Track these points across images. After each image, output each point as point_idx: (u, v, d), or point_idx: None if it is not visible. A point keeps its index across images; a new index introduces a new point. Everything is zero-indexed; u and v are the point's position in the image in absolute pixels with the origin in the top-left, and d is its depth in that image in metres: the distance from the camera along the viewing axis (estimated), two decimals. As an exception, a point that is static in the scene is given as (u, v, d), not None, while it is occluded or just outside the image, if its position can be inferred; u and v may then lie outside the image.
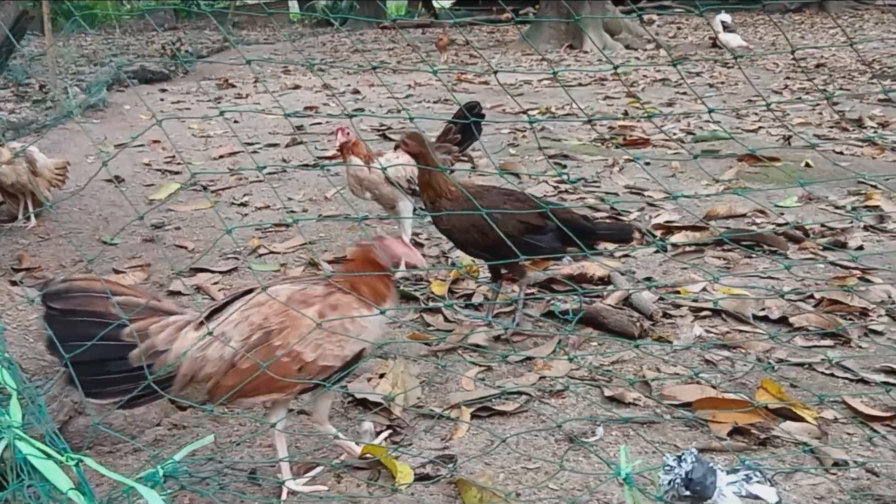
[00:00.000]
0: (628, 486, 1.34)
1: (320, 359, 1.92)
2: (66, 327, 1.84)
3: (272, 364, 1.84)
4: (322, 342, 1.91)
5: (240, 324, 1.92)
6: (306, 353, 1.90)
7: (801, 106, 7.67)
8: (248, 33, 20.42)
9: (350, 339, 1.92)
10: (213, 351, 1.91)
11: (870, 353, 2.66)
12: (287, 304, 1.92)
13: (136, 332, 1.87)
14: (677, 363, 2.67)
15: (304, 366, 1.90)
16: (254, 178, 5.24)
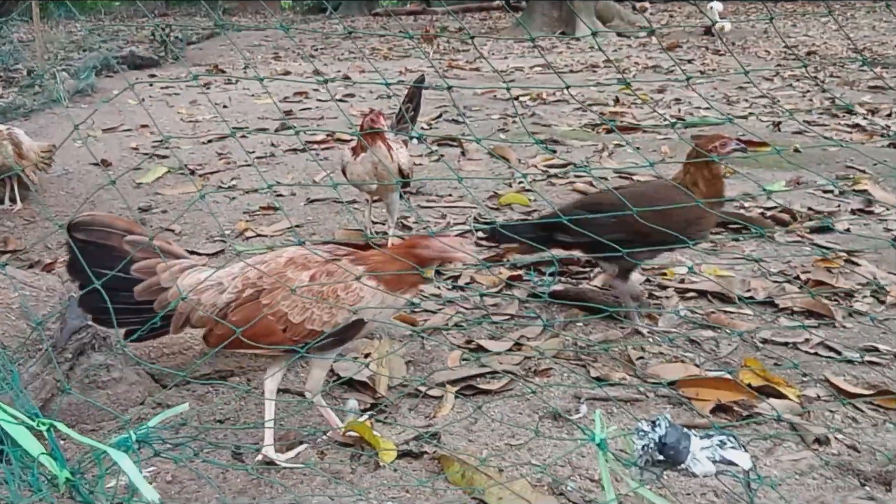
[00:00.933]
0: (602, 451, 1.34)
1: (307, 322, 1.95)
2: (85, 255, 1.95)
3: (259, 321, 1.90)
4: (310, 306, 1.94)
5: (237, 277, 2.01)
6: (292, 314, 1.94)
7: (792, 92, 7.68)
8: (238, 20, 20.31)
9: (340, 310, 1.94)
10: (208, 296, 1.99)
11: (853, 333, 2.67)
12: (285, 265, 1.99)
13: (145, 268, 1.99)
14: (662, 343, 2.67)
15: (289, 326, 1.94)
16: (242, 161, 5.21)
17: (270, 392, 2.06)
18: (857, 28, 14.02)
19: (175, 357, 2.58)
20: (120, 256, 1.98)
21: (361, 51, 12.94)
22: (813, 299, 2.84)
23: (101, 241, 2.00)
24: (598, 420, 1.48)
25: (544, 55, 11.49)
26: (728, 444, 1.26)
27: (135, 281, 2.00)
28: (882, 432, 2.10)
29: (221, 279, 2.02)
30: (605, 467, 1.38)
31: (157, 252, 2.01)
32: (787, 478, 1.91)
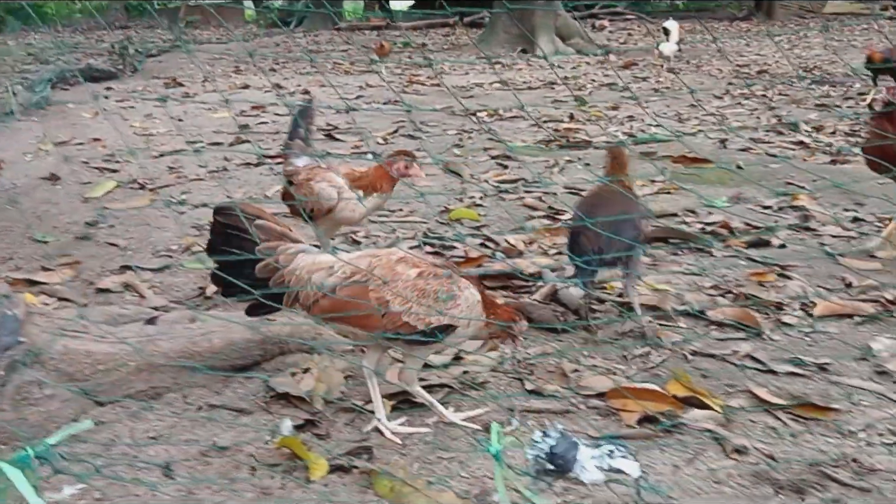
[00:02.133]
0: (497, 462, 1.38)
1: (405, 314, 2.12)
2: (222, 237, 2.25)
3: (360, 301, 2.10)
4: (411, 301, 2.12)
5: (347, 265, 2.19)
6: (394, 302, 2.12)
7: (741, 110, 7.87)
8: (200, 33, 20.20)
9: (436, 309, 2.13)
10: (318, 276, 2.18)
11: (781, 345, 2.75)
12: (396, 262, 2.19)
13: (267, 248, 2.22)
14: (597, 355, 2.73)
15: (388, 313, 2.12)
16: (193, 176, 5.20)
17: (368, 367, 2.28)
18: (809, 47, 14.40)
19: (110, 373, 2.56)
20: (250, 239, 2.21)
21: (324, 65, 12.97)
22: (743, 312, 2.92)
23: (235, 223, 2.22)
24: (495, 432, 1.52)
25: (502, 72, 11.62)
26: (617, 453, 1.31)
27: (259, 260, 2.22)
28: (800, 442, 2.17)
29: (332, 264, 2.21)
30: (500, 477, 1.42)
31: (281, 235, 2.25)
32: (706, 486, 1.96)
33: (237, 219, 2.23)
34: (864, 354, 2.66)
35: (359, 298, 2.12)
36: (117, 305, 3.23)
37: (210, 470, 2.14)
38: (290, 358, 2.72)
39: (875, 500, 1.90)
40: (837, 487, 1.94)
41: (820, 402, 2.32)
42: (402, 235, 4.13)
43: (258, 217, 2.27)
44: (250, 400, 2.50)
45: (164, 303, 3.29)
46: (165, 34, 19.39)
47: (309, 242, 2.36)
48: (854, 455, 2.06)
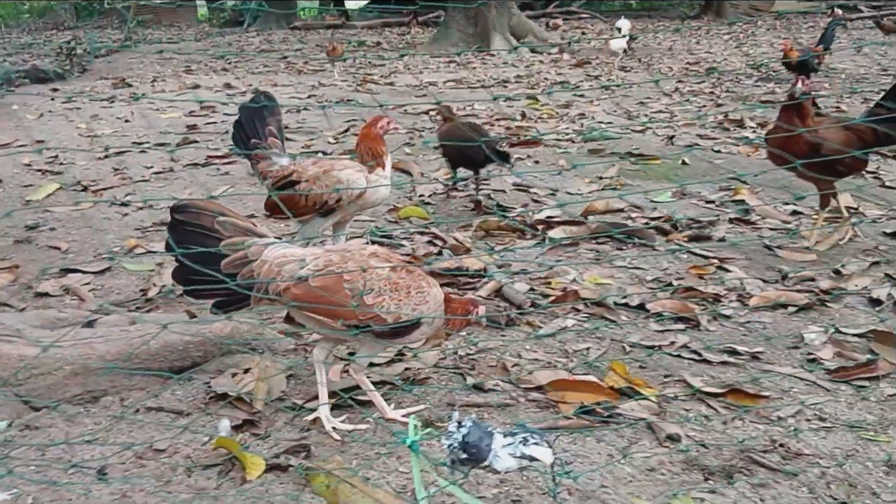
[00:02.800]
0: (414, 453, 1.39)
1: (376, 306, 2.15)
2: (181, 234, 2.20)
3: (333, 292, 2.12)
4: (384, 294, 2.16)
5: (320, 258, 2.20)
6: (367, 294, 2.15)
7: (689, 107, 8.00)
8: (152, 32, 19.88)
9: (406, 303, 2.16)
10: (289, 268, 2.18)
11: (716, 336, 2.81)
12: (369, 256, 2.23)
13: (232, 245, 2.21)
14: (538, 349, 2.76)
15: (360, 304, 2.14)
16: (138, 177, 5.12)
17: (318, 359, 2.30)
18: (757, 45, 14.69)
19: (45, 378, 2.52)
20: (213, 235, 2.20)
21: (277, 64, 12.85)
22: (681, 304, 2.98)
23: (195, 220, 2.21)
24: (412, 424, 1.53)
25: (456, 70, 11.64)
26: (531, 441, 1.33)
27: (223, 256, 2.20)
28: (731, 428, 2.22)
29: (304, 256, 2.22)
30: (416, 468, 1.43)
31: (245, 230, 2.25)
32: (638, 474, 2.00)
33: (196, 216, 2.22)
34: (797, 343, 2.73)
35: (332, 289, 2.13)
36: (56, 309, 3.17)
37: (145, 472, 2.11)
38: (230, 359, 2.70)
39: (800, 483, 1.95)
40: (765, 472, 1.99)
41: (751, 390, 2.38)
42: (351, 233, 4.11)
43: (221, 214, 2.26)
44: (189, 401, 2.48)
45: (105, 305, 3.23)
46: (115, 34, 19.05)
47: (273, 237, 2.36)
48: (782, 440, 2.12)
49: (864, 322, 2.88)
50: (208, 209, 2.25)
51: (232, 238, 2.22)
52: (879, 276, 3.31)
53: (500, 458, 1.34)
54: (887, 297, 3.07)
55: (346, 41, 15.13)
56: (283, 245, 2.30)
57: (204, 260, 2.15)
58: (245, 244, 2.22)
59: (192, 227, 2.21)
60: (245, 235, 2.25)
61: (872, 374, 2.46)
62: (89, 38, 15.66)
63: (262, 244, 2.25)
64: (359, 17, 22.53)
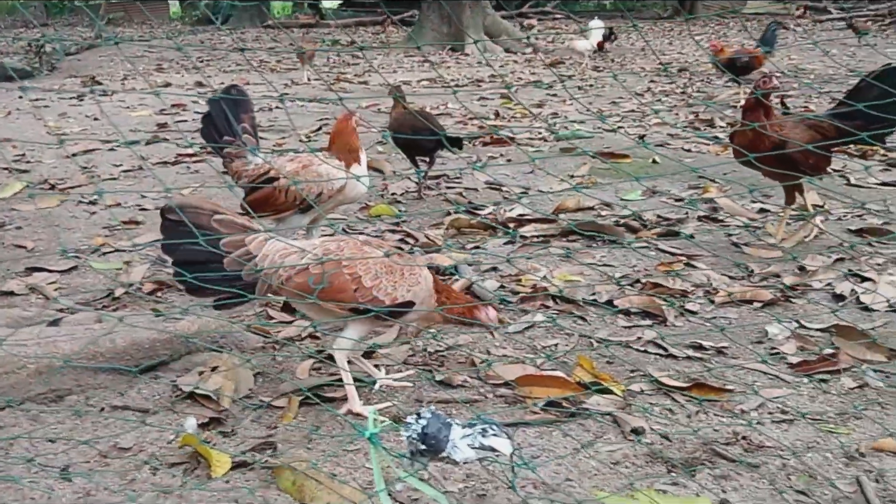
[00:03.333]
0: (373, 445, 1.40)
1: (374, 289, 2.24)
2: (176, 235, 2.23)
3: (334, 277, 2.21)
4: (381, 277, 2.25)
5: (318, 248, 2.29)
6: (365, 278, 2.24)
7: (660, 106, 8.06)
8: (123, 30, 19.65)
9: (401, 285, 2.26)
10: (291, 260, 2.25)
11: (683, 331, 2.84)
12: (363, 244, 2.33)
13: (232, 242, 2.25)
14: (508, 346, 2.77)
15: (359, 288, 2.23)
16: (107, 175, 5.06)
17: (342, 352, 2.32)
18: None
19: (8, 377, 2.48)
20: (208, 234, 2.20)
21: (249, 62, 12.77)
22: (649, 300, 3.00)
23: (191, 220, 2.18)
24: (371, 417, 1.53)
25: (430, 70, 11.64)
26: (490, 432, 1.34)
27: (223, 255, 2.24)
28: (695, 422, 2.24)
29: (303, 247, 2.29)
30: (375, 460, 1.44)
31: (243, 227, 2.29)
32: (603, 467, 2.02)
33: (193, 215, 2.23)
34: (761, 338, 2.77)
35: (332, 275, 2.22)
36: (20, 308, 3.13)
37: (109, 470, 2.09)
38: (198, 357, 2.68)
39: (761, 475, 1.98)
40: (726, 464, 2.02)
41: (715, 384, 2.41)
42: (322, 232, 4.10)
43: (216, 212, 2.28)
44: (155, 400, 2.46)
45: (71, 304, 3.20)
46: (86, 32, 18.81)
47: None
48: (744, 433, 2.15)
49: (827, 317, 2.93)
50: (203, 208, 2.28)
51: (232, 236, 2.27)
52: (843, 272, 3.37)
53: (458, 449, 1.35)
54: (850, 293, 3.13)
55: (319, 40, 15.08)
56: (282, 239, 2.35)
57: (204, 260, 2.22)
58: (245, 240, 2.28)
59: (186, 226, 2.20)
60: (243, 232, 2.30)
61: (834, 368, 2.50)
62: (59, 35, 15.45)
63: (263, 238, 2.31)
64: (333, 16, 22.46)
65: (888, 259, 3.51)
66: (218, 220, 2.26)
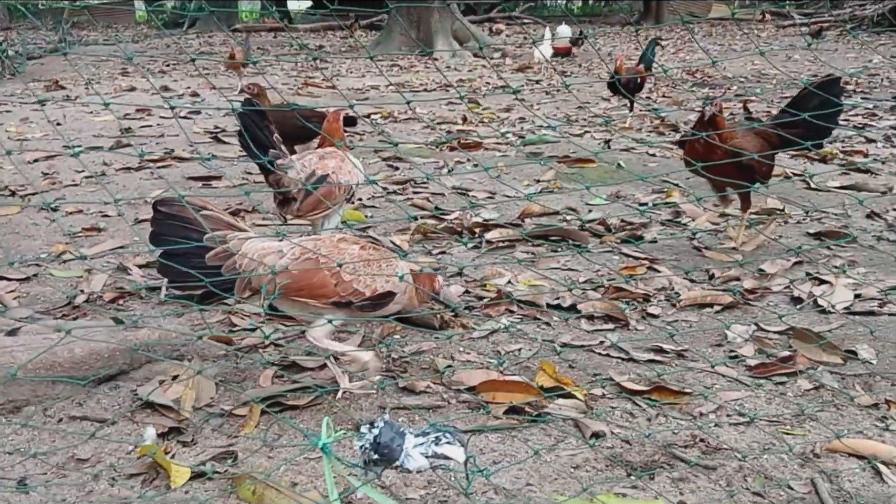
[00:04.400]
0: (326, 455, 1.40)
1: (354, 282, 2.32)
2: (165, 227, 2.29)
3: (315, 273, 2.29)
4: (359, 270, 2.33)
5: (295, 248, 2.34)
6: (344, 272, 2.30)
7: (625, 112, 8.15)
8: (87, 34, 19.38)
9: (379, 276, 2.35)
10: (270, 259, 2.30)
11: (645, 335, 2.87)
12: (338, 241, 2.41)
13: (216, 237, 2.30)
14: (471, 351, 2.78)
15: (339, 282, 2.31)
16: (69, 181, 4.99)
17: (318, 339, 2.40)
18: (693, 51, 15.06)
19: (-37, 388, 2.44)
20: (195, 228, 2.27)
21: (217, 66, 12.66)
22: (611, 305, 3.03)
23: (178, 213, 2.28)
24: (325, 426, 1.53)
25: (399, 74, 11.65)
26: (444, 440, 1.34)
27: (207, 249, 2.28)
28: (654, 425, 2.27)
29: (282, 247, 2.33)
30: (328, 470, 1.44)
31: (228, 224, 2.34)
32: (563, 471, 2.03)
33: (179, 209, 2.29)
34: (720, 341, 2.81)
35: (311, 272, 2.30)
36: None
37: (67, 482, 2.06)
38: (159, 366, 2.65)
39: (718, 477, 2.01)
40: (684, 466, 2.05)
41: (675, 388, 2.44)
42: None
43: (203, 208, 2.34)
44: (114, 410, 2.43)
45: (30, 313, 3.14)
46: (49, 35, 18.52)
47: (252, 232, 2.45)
48: (702, 436, 2.18)
49: (785, 320, 2.98)
50: (192, 203, 2.35)
51: (216, 232, 2.31)
52: (801, 275, 3.43)
53: (412, 457, 1.35)
54: (808, 296, 3.18)
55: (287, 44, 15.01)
56: (262, 238, 2.40)
57: (186, 253, 2.27)
58: (227, 237, 2.33)
59: (175, 220, 2.30)
60: (228, 229, 2.35)
61: (791, 370, 2.55)
62: (22, 39, 15.20)
63: (243, 237, 2.35)
64: (301, 20, 22.36)
65: (845, 262, 3.59)
66: (204, 216, 2.30)
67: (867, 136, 6.52)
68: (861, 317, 3.00)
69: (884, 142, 6.25)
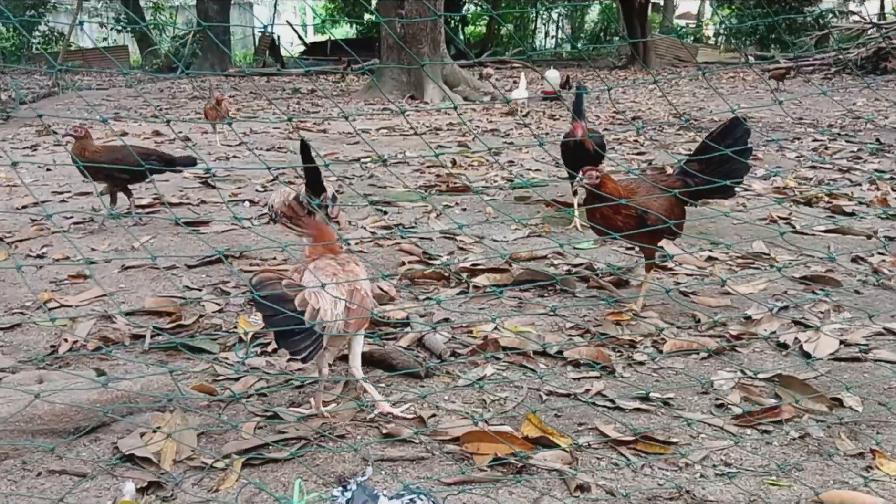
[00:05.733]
0: None
1: (370, 292, 2.63)
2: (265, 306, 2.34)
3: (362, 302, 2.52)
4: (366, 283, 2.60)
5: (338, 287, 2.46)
6: (366, 289, 2.58)
7: (614, 155, 8.23)
8: (81, 78, 19.55)
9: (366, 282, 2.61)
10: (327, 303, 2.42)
11: (631, 382, 2.86)
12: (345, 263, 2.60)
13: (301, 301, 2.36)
14: (457, 399, 2.76)
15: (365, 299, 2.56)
16: (57, 228, 4.99)
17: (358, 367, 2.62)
18: (680, 94, 15.28)
19: (-61, 442, 2.40)
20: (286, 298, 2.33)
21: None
22: (597, 351, 3.03)
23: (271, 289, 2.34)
24: (297, 488, 1.51)
25: (389, 118, 11.76)
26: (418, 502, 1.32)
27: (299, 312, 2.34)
28: (640, 476, 2.25)
29: (332, 293, 2.42)
30: (300, 534, 1.41)
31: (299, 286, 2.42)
32: (547, 526, 2.01)
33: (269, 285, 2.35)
34: (706, 388, 2.80)
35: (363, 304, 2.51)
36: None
37: (42, 541, 2.02)
38: (140, 417, 2.62)
39: (704, 530, 1.98)
40: (670, 519, 2.02)
41: (661, 437, 2.42)
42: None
43: (282, 279, 2.40)
44: (94, 463, 2.39)
45: (12, 363, 3.11)
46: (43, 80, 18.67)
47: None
48: (688, 486, 2.16)
49: (771, 366, 2.98)
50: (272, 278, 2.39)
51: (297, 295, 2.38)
52: (787, 321, 3.43)
53: (384, 521, 1.33)
54: (794, 342, 3.19)
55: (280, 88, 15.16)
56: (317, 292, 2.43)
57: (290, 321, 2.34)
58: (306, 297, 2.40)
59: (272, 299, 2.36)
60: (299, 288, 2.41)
61: (777, 418, 2.54)
62: (14, 84, 15.31)
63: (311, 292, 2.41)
64: (293, 65, 22.62)
65: (831, 307, 3.60)
66: (286, 285, 2.37)
67: (851, 178, 6.59)
68: (846, 363, 3.00)
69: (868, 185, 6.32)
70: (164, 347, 3.23)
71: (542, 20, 34.94)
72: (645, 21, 24.36)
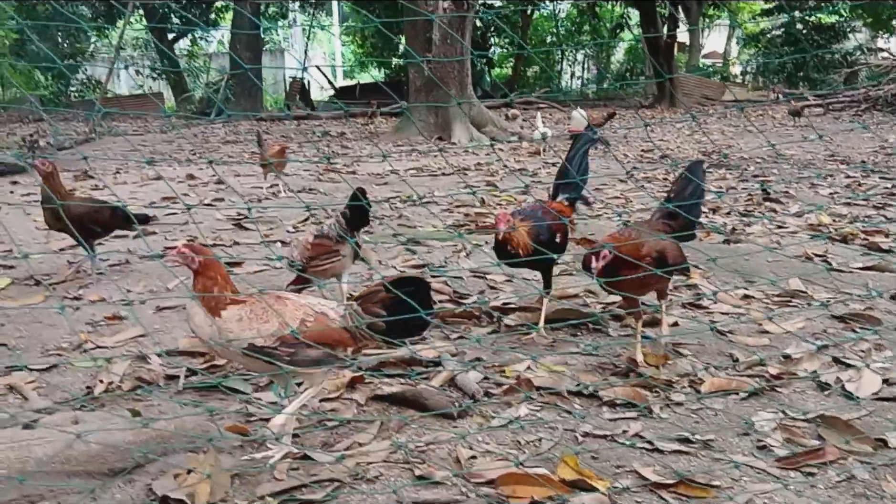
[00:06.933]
0: None
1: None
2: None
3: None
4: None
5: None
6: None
7: (642, 193, 8.20)
8: (118, 124, 20.03)
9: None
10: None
11: (669, 423, 2.80)
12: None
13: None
14: (491, 441, 2.72)
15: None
16: (93, 270, 5.07)
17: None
18: (709, 132, 15.24)
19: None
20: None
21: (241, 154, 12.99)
22: (633, 391, 2.98)
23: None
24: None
25: (418, 159, 11.86)
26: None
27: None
28: (682, 520, 2.19)
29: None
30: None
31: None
32: (587, 572, 1.96)
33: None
34: (747, 429, 2.73)
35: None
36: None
37: (77, 584, 2.01)
38: (175, 458, 2.62)
39: (750, 577, 1.92)
40: (714, 565, 1.96)
41: (702, 480, 2.37)
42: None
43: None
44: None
45: (49, 404, 3.14)
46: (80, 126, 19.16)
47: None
48: (732, 532, 2.10)
49: (813, 406, 2.91)
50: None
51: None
52: (828, 359, 3.36)
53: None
54: (835, 381, 3.11)
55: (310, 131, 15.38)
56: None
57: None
58: None
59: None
60: None
61: (821, 461, 2.47)
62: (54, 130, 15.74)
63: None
64: (323, 108, 23.01)
65: (872, 345, 3.52)
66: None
67: (886, 215, 6.49)
68: (890, 402, 2.92)
69: (905, 220, 6.22)
70: (197, 388, 3.24)
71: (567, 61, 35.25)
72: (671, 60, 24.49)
